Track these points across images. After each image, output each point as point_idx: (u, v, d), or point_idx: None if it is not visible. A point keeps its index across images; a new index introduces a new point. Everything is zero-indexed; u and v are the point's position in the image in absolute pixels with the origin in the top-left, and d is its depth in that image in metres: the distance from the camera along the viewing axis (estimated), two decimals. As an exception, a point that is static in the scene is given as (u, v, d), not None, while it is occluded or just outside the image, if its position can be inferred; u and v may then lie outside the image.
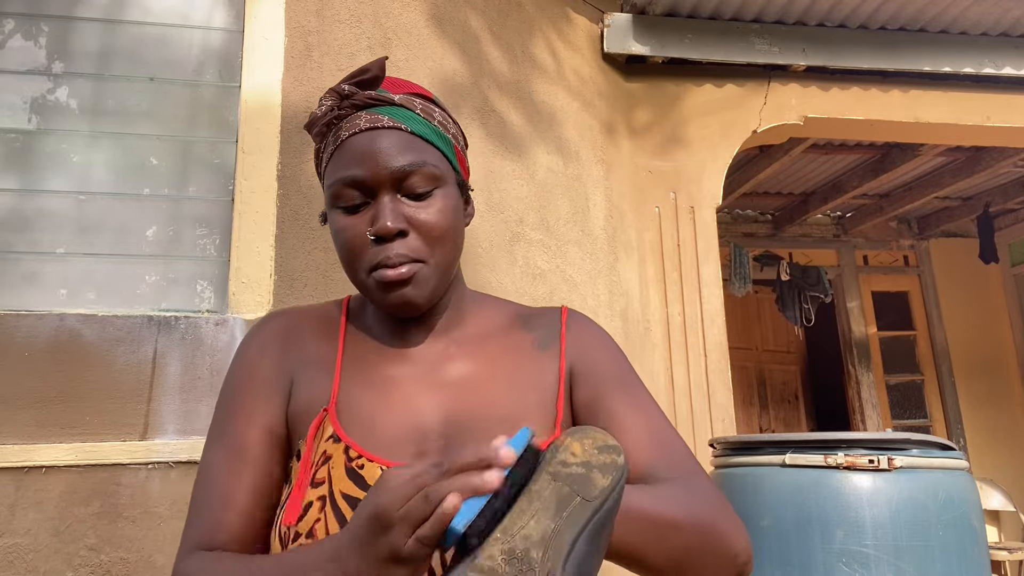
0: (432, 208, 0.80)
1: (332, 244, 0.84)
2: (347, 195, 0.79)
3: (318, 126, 0.82)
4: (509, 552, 0.54)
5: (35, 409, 1.95)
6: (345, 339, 0.86)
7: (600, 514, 0.58)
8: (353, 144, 0.79)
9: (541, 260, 2.56)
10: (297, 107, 2.33)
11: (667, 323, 2.94)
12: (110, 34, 2.32)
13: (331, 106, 0.81)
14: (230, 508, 0.78)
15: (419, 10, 2.58)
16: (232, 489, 0.78)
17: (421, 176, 0.79)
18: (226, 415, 0.83)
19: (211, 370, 2.07)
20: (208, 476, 0.80)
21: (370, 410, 0.79)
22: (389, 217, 0.77)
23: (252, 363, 0.85)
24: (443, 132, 0.84)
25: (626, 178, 3.02)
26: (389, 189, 0.79)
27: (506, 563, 0.54)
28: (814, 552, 1.89)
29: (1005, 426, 5.60)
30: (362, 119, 0.80)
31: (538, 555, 0.55)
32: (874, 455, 1.90)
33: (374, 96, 0.81)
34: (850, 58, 3.21)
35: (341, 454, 0.75)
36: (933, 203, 5.51)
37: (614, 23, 3.05)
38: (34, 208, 2.15)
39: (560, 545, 0.56)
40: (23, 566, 1.85)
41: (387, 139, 0.79)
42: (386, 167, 0.78)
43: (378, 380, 0.82)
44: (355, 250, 0.79)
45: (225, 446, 0.81)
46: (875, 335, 5.80)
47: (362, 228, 0.79)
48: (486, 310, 0.92)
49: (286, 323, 0.88)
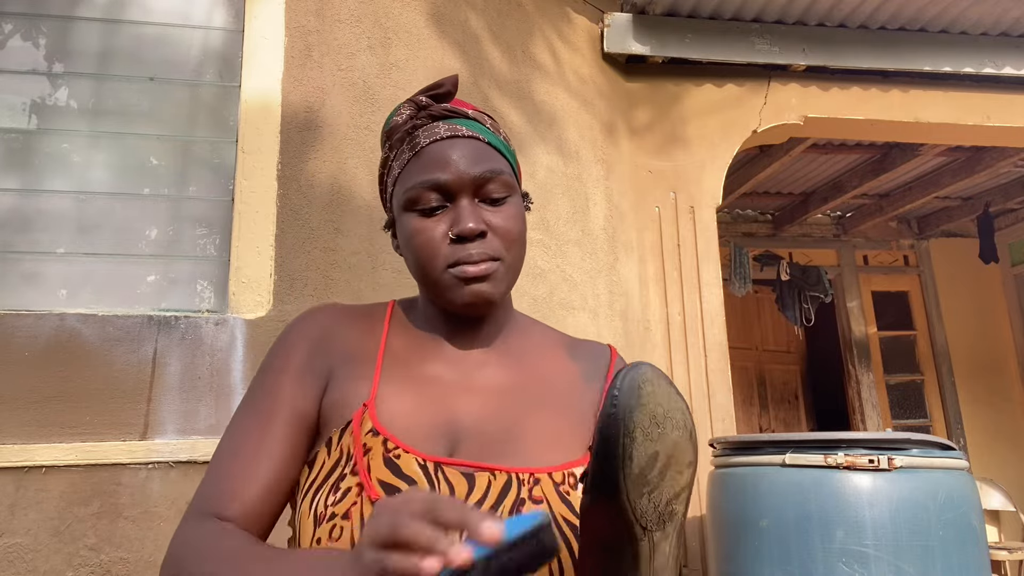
0: (507, 213, 0.84)
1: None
2: (426, 198, 0.83)
3: (399, 133, 0.86)
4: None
5: (35, 409, 1.95)
6: (388, 338, 0.89)
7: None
8: (434, 150, 0.83)
9: (541, 260, 2.56)
10: (297, 107, 2.33)
11: (667, 323, 2.93)
12: (110, 34, 2.32)
13: (410, 115, 0.87)
14: (250, 482, 0.79)
15: (419, 10, 2.58)
16: (255, 464, 0.80)
17: (498, 183, 0.84)
18: (262, 392, 0.85)
19: (211, 370, 2.07)
20: (234, 445, 0.82)
21: (407, 405, 0.82)
22: (471, 219, 0.81)
23: (294, 347, 0.87)
24: (509, 146, 0.90)
25: (626, 178, 3.02)
26: (469, 194, 0.83)
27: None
28: (814, 552, 1.89)
29: (1005, 426, 5.60)
30: (441, 128, 0.85)
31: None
32: (874, 455, 1.90)
33: (449, 108, 0.87)
34: (850, 58, 3.21)
35: (380, 446, 0.77)
36: (933, 203, 5.51)
37: (614, 23, 3.05)
38: (34, 208, 2.15)
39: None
40: (23, 566, 1.85)
41: (467, 147, 0.84)
42: (468, 172, 0.82)
43: (417, 376, 0.85)
44: (433, 250, 0.82)
45: (257, 421, 0.83)
46: (875, 335, 5.80)
47: (440, 229, 0.82)
48: (531, 328, 0.96)
49: (331, 316, 0.90)
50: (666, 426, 0.64)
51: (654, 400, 0.64)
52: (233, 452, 0.82)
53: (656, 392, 0.64)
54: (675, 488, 0.66)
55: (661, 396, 0.65)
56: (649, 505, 0.64)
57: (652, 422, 0.63)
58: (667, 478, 0.65)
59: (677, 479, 0.66)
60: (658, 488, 0.64)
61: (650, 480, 0.64)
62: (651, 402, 0.64)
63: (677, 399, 0.66)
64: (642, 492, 0.64)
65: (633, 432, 0.63)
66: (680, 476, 0.66)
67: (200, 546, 0.74)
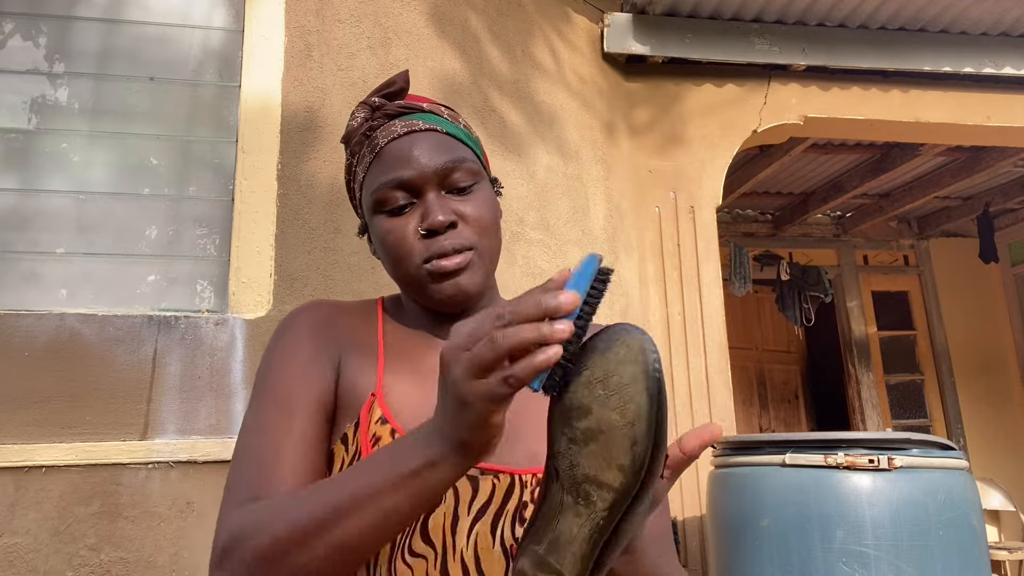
0: (476, 201, 0.83)
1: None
2: (392, 198, 0.82)
3: (356, 137, 0.85)
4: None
5: (35, 409, 1.95)
6: (384, 333, 0.87)
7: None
8: (393, 149, 0.82)
9: (541, 259, 2.56)
10: (297, 107, 2.33)
11: (667, 323, 2.93)
12: (110, 34, 2.32)
13: (365, 118, 0.85)
14: (292, 469, 0.75)
15: (419, 10, 2.58)
16: (292, 452, 0.76)
17: (463, 172, 0.83)
18: (278, 383, 0.81)
19: (211, 370, 2.07)
20: (264, 437, 0.77)
21: (414, 396, 0.81)
22: (440, 211, 0.80)
23: (300, 337, 0.84)
24: (470, 134, 0.89)
25: (626, 178, 3.02)
26: (434, 186, 0.82)
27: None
28: (814, 552, 1.89)
29: (1005, 426, 5.60)
30: (398, 126, 0.84)
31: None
32: (874, 455, 1.90)
33: (404, 105, 0.85)
34: (850, 58, 3.21)
35: (388, 436, 0.77)
36: (933, 203, 5.51)
37: (614, 23, 3.05)
38: (34, 208, 2.15)
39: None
40: (23, 566, 1.85)
41: (426, 140, 0.83)
42: (429, 165, 0.81)
43: (420, 368, 0.84)
44: (406, 248, 0.81)
45: (281, 411, 0.79)
46: (875, 335, 5.80)
47: (410, 227, 0.81)
48: None
49: (328, 309, 0.89)
50: (610, 399, 0.56)
51: (620, 363, 0.57)
52: (266, 441, 0.77)
53: (627, 362, 0.56)
54: (595, 471, 0.58)
55: (629, 371, 0.56)
56: (566, 453, 0.59)
57: (603, 380, 0.57)
58: (589, 450, 0.57)
59: (600, 464, 0.57)
60: (578, 447, 0.58)
61: (573, 425, 0.58)
62: (616, 362, 0.57)
63: (642, 391, 0.56)
64: (563, 428, 0.59)
65: (587, 364, 0.58)
66: (605, 467, 0.57)
67: (265, 512, 0.68)
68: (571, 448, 0.58)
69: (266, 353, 0.86)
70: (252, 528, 0.66)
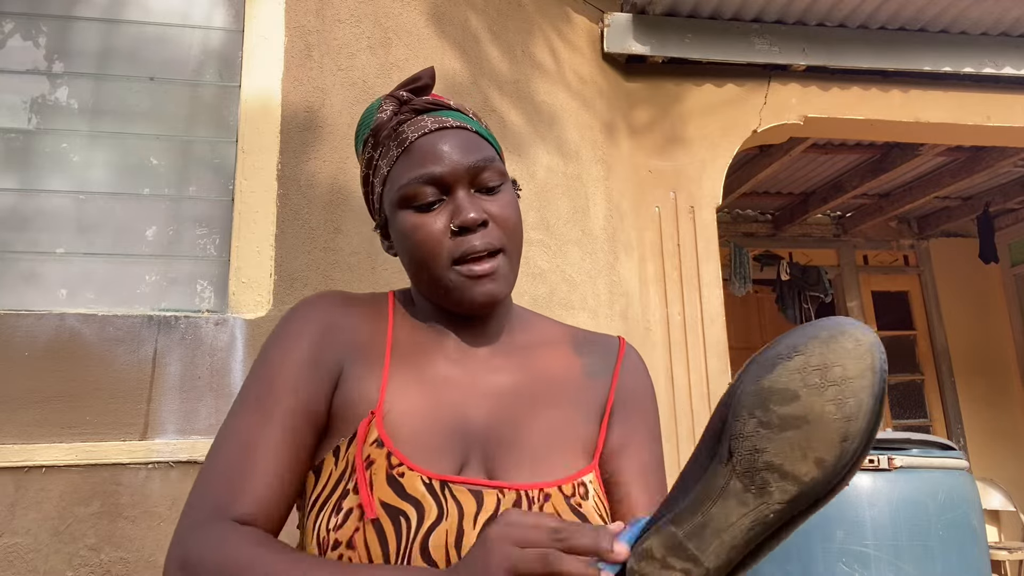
0: (503, 201, 0.83)
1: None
2: (422, 193, 0.80)
3: (386, 130, 0.83)
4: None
5: (35, 409, 1.95)
6: (393, 334, 0.84)
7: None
8: (424, 144, 0.81)
9: (541, 259, 2.56)
10: (297, 107, 2.33)
11: (667, 323, 2.93)
12: (110, 34, 2.32)
13: (394, 111, 0.84)
14: (263, 479, 0.72)
15: (419, 10, 2.58)
16: (265, 460, 0.73)
17: (492, 171, 0.82)
18: (265, 383, 0.78)
19: (211, 370, 2.07)
20: (239, 441, 0.75)
21: (417, 414, 0.78)
22: (473, 209, 0.79)
23: (299, 336, 0.81)
24: (491, 135, 0.89)
25: (626, 178, 3.02)
26: (465, 184, 0.81)
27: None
28: (814, 552, 1.89)
29: (1005, 426, 5.60)
30: (427, 121, 0.82)
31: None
32: (874, 455, 1.90)
33: (432, 101, 0.84)
34: (850, 58, 3.20)
35: (383, 460, 0.74)
36: (933, 203, 5.51)
37: (614, 23, 3.05)
38: (34, 208, 2.15)
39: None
40: (23, 566, 1.85)
41: (457, 138, 0.82)
42: (462, 163, 0.80)
43: (427, 379, 0.81)
44: (434, 245, 0.80)
45: (261, 414, 0.76)
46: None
47: (439, 224, 0.80)
48: (533, 321, 0.93)
49: (336, 304, 0.85)
50: (827, 390, 0.52)
51: (846, 356, 0.52)
52: (239, 448, 0.74)
53: (855, 356, 0.52)
54: (784, 461, 0.53)
55: (856, 366, 0.52)
56: (751, 436, 0.54)
57: (822, 368, 0.53)
58: (785, 437, 0.53)
59: (795, 454, 0.53)
60: (770, 431, 0.54)
61: (770, 408, 0.54)
62: (841, 353, 0.52)
63: (867, 387, 0.52)
64: (755, 409, 0.54)
65: (800, 349, 0.54)
66: (799, 459, 0.53)
67: (228, 557, 0.66)
68: (759, 431, 0.54)
69: (264, 346, 0.83)
70: (210, 569, 0.66)
